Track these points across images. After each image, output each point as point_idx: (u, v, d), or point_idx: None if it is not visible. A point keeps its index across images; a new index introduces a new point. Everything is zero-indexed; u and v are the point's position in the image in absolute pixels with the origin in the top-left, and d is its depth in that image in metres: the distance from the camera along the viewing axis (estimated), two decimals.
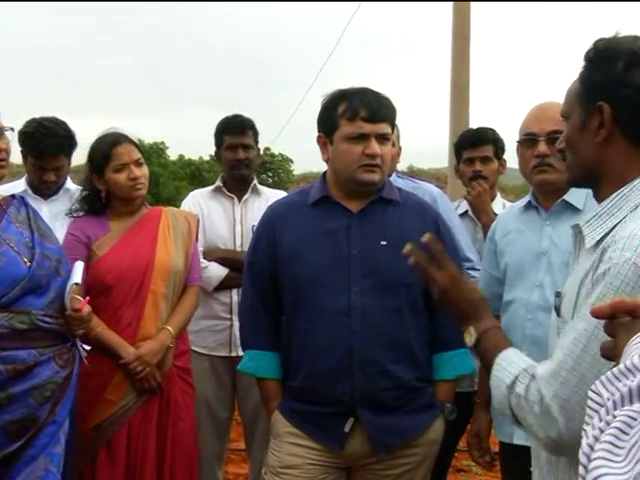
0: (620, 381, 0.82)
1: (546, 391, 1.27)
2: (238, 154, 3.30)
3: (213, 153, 3.54)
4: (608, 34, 1.41)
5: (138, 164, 2.70)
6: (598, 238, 1.35)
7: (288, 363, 2.28)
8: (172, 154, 34.08)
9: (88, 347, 2.46)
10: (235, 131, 3.33)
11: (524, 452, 2.24)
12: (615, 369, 0.84)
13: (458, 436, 3.10)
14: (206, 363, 3.18)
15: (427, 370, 2.27)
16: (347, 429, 2.18)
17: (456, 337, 2.25)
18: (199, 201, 3.35)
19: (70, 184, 3.28)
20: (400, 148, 3.16)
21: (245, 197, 3.35)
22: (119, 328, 2.61)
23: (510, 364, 1.39)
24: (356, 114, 2.16)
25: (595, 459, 0.73)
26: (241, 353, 2.50)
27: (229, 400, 3.31)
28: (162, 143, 32.35)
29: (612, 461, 0.72)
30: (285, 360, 2.29)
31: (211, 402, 3.17)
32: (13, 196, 2.37)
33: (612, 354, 0.98)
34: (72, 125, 3.15)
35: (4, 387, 2.11)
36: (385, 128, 2.19)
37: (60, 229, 2.75)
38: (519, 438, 2.26)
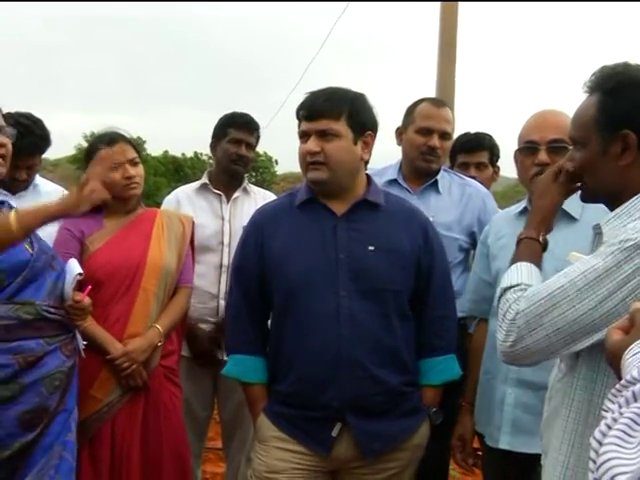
0: (622, 393, 0.88)
1: (523, 306, 1.47)
2: (241, 149, 3.27)
3: (201, 149, 3.52)
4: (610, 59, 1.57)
5: (133, 163, 2.70)
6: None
7: (276, 367, 2.25)
8: (155, 151, 34.01)
9: (85, 342, 2.43)
10: (243, 127, 3.30)
11: (508, 457, 2.26)
12: (617, 384, 0.90)
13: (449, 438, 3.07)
14: (186, 361, 3.14)
15: (414, 375, 2.27)
16: (335, 434, 2.17)
17: (444, 342, 2.28)
18: (183, 199, 3.30)
19: (38, 179, 3.24)
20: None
21: (235, 195, 3.31)
22: (107, 324, 2.59)
23: (516, 272, 1.59)
24: (299, 114, 2.20)
25: (607, 444, 0.80)
26: (224, 357, 2.48)
27: (209, 399, 3.29)
28: (139, 138, 32.23)
29: (623, 447, 0.78)
30: (273, 364, 2.27)
31: (190, 401, 3.14)
32: (2, 201, 2.39)
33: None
34: (53, 120, 3.09)
35: (16, 378, 2.14)
36: (325, 124, 2.15)
37: None
38: (504, 443, 2.26)
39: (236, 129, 3.28)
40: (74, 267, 2.33)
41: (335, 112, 2.16)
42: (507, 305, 1.52)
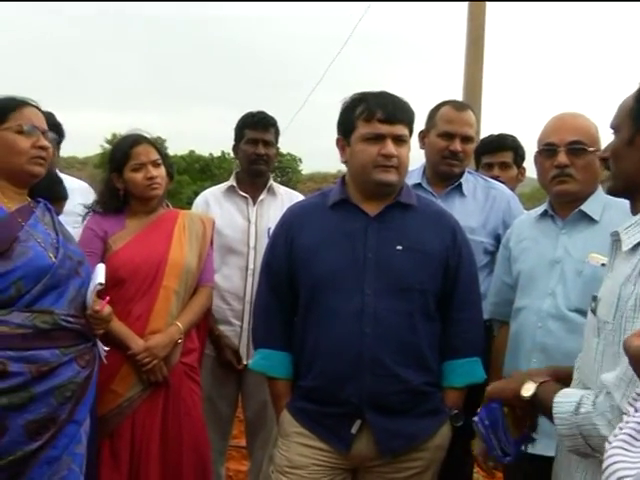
0: None
1: (617, 394, 1.32)
2: (258, 149, 3.28)
3: (228, 149, 3.52)
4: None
5: (156, 164, 2.75)
6: (635, 242, 1.44)
7: (300, 362, 2.28)
8: (179, 150, 34.13)
9: (107, 347, 2.45)
10: (257, 126, 3.32)
11: (530, 460, 2.25)
12: (638, 389, 0.92)
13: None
14: (211, 360, 3.17)
15: (437, 376, 2.27)
16: (354, 431, 2.19)
17: (468, 345, 2.28)
18: (212, 201, 3.32)
19: (61, 175, 3.27)
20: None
21: (261, 198, 3.32)
22: (129, 321, 2.64)
23: (569, 396, 1.47)
24: (373, 115, 2.19)
25: (613, 447, 0.80)
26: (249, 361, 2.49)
27: (233, 397, 3.31)
28: (159, 137, 32.30)
29: (628, 451, 0.78)
30: (297, 359, 2.29)
31: (214, 399, 3.17)
32: (38, 201, 2.39)
33: None
34: (81, 118, 3.12)
35: (27, 387, 2.12)
36: (401, 130, 2.21)
37: None
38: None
39: (251, 129, 3.31)
40: (98, 275, 2.34)
41: (408, 119, 2.25)
42: (594, 414, 1.39)
